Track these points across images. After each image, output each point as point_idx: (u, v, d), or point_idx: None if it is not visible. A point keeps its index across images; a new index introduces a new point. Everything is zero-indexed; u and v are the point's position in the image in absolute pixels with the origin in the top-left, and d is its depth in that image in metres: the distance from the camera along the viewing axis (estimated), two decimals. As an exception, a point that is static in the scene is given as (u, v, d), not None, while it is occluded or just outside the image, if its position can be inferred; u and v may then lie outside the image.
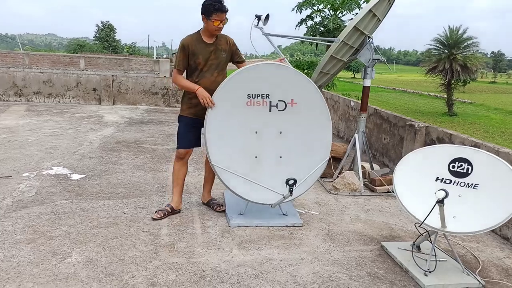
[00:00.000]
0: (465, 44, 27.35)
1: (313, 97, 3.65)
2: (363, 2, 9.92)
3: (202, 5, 3.53)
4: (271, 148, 3.69)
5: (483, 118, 25.21)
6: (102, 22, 63.55)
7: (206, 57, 3.60)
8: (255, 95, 3.65)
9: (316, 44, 10.83)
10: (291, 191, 3.44)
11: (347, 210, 4.19)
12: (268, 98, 3.64)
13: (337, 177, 5.08)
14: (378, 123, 6.25)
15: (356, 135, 5.00)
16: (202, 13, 3.54)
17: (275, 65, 3.63)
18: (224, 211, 3.89)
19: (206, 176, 4.06)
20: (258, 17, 4.62)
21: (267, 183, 3.66)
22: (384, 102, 26.78)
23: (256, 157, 3.72)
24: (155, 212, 3.72)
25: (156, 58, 42.94)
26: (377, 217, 4.05)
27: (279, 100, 3.63)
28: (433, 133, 4.86)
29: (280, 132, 3.67)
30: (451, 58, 25.67)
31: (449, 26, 27.69)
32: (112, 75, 10.87)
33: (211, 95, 3.53)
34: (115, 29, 64.25)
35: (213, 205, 3.98)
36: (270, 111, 3.65)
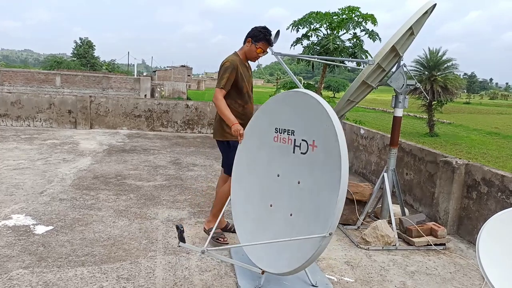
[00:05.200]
0: (445, 65, 27.50)
1: (330, 140, 2.46)
2: (363, 22, 9.27)
3: (253, 29, 3.51)
4: (287, 200, 2.79)
5: (464, 139, 25.18)
6: (80, 39, 62.24)
7: (249, 81, 3.58)
8: (282, 129, 2.88)
9: (313, 65, 10.14)
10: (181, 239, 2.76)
11: (388, 274, 3.33)
12: (293, 135, 2.81)
13: (361, 224, 4.26)
14: (399, 155, 5.48)
15: (385, 174, 4.20)
16: (249, 36, 3.50)
17: (302, 93, 2.79)
18: (225, 243, 3.53)
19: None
20: (267, 34, 3.83)
21: (272, 244, 2.71)
22: (367, 123, 26.45)
23: (271, 205, 2.91)
24: (218, 239, 3.57)
25: (137, 76, 41.94)
26: (427, 284, 3.21)
27: (302, 140, 2.71)
28: (476, 172, 4.10)
29: (299, 183, 2.70)
30: (432, 79, 25.64)
31: (429, 48, 27.84)
32: (90, 96, 9.87)
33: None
34: (94, 45, 62.93)
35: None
36: (293, 152, 2.80)
